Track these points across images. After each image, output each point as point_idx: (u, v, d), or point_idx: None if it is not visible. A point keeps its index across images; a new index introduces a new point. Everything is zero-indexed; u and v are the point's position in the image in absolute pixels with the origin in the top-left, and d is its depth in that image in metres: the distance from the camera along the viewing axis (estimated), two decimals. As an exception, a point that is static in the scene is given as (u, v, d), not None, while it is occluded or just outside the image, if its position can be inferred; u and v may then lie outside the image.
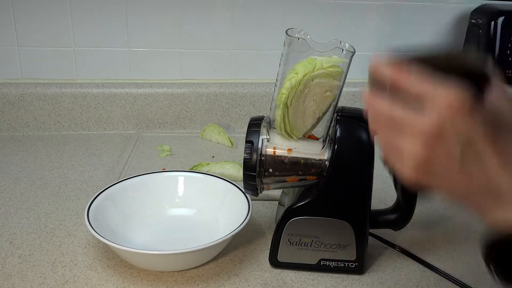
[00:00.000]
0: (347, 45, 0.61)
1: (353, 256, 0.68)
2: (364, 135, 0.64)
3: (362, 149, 0.64)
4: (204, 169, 0.93)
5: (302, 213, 0.66)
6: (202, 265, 0.69)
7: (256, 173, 0.66)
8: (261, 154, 0.66)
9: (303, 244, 0.68)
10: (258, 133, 0.66)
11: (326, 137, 0.67)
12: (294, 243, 0.68)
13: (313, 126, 0.67)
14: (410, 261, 0.72)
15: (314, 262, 0.68)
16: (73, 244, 0.74)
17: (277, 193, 0.86)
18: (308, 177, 0.67)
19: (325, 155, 0.66)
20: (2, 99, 1.11)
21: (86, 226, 0.69)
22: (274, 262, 0.69)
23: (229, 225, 0.70)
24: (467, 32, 1.14)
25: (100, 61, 1.14)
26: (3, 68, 1.13)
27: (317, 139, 0.68)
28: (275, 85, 0.65)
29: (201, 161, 0.96)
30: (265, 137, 0.66)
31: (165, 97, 1.15)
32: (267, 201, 0.86)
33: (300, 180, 0.67)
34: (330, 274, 0.69)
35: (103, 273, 0.67)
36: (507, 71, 1.08)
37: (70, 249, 0.72)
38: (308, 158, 0.66)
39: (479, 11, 1.11)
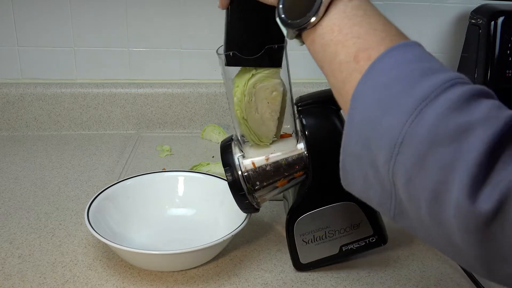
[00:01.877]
0: None
1: (370, 231, 0.67)
2: (329, 113, 0.64)
3: (332, 126, 0.64)
4: (204, 169, 0.93)
5: (304, 210, 0.66)
6: (202, 265, 0.69)
7: (245, 191, 0.65)
8: (242, 172, 0.65)
9: (318, 239, 0.67)
10: (231, 153, 0.66)
11: (297, 130, 0.67)
12: (310, 241, 0.67)
13: (279, 127, 0.66)
14: (410, 260, 0.72)
15: (336, 251, 0.68)
16: (73, 244, 0.74)
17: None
18: (295, 175, 0.66)
19: (302, 148, 0.65)
20: (2, 99, 1.11)
21: (86, 226, 0.69)
22: (299, 266, 0.69)
23: (229, 225, 0.70)
24: (467, 32, 1.14)
25: (100, 61, 1.14)
26: (3, 68, 1.13)
27: (290, 135, 0.68)
28: (228, 104, 0.65)
29: (201, 161, 0.96)
30: (240, 154, 0.66)
31: (165, 97, 1.15)
32: (267, 201, 0.86)
33: (290, 180, 0.67)
34: (330, 274, 0.69)
35: (103, 273, 0.67)
36: (507, 71, 1.08)
37: (70, 249, 0.72)
38: (287, 157, 0.65)
39: (479, 11, 1.11)
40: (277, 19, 0.49)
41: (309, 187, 0.66)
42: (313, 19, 0.46)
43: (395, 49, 0.41)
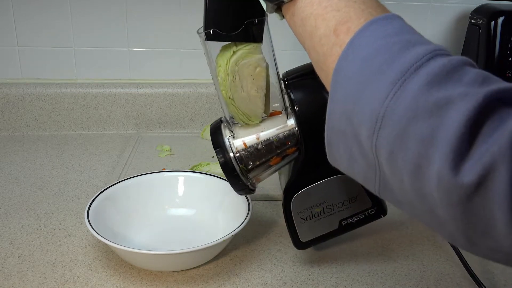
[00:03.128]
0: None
1: (368, 203, 0.66)
2: (316, 85, 0.61)
3: (321, 97, 0.61)
4: (204, 169, 0.93)
5: (300, 187, 0.65)
6: (202, 265, 0.69)
7: (238, 171, 0.64)
8: (234, 153, 0.64)
9: (316, 215, 0.66)
10: (222, 135, 0.65)
11: (286, 106, 0.66)
12: (308, 218, 0.66)
13: (267, 104, 0.65)
14: (410, 260, 0.72)
15: (336, 226, 0.67)
16: (73, 244, 0.74)
17: (276, 192, 0.86)
18: (288, 151, 0.65)
19: (292, 123, 0.64)
20: (2, 99, 1.11)
21: (86, 226, 0.69)
22: (299, 245, 0.68)
23: (229, 225, 0.70)
24: (467, 32, 1.14)
25: (100, 61, 1.14)
26: (3, 68, 1.13)
27: (280, 112, 0.67)
28: (215, 85, 0.64)
29: (201, 161, 0.96)
30: (230, 135, 0.65)
31: (165, 97, 1.15)
32: (267, 201, 0.86)
33: (283, 158, 0.66)
34: (330, 274, 0.69)
35: (103, 273, 0.67)
36: (507, 71, 1.08)
37: (70, 249, 0.72)
38: (278, 134, 0.64)
39: (479, 11, 1.11)
40: None
41: (303, 162, 0.64)
42: None
43: (375, 22, 0.41)
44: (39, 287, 0.64)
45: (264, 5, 0.49)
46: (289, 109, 0.65)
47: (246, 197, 0.73)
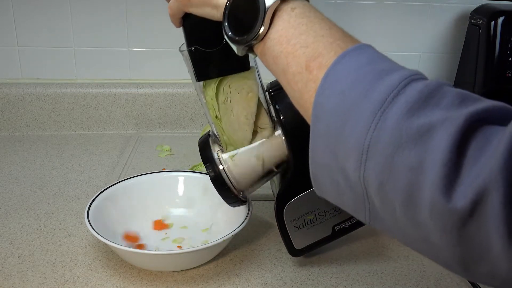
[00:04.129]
0: None
1: None
2: None
3: None
4: (204, 169, 0.92)
5: (291, 196, 0.65)
6: (202, 265, 0.69)
7: (228, 185, 0.64)
8: (224, 166, 0.64)
9: (309, 223, 0.67)
10: (210, 150, 0.65)
11: (272, 117, 0.65)
12: (301, 226, 0.67)
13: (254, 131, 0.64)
14: (410, 260, 0.72)
15: (329, 232, 0.68)
16: (73, 244, 0.74)
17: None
18: (277, 161, 0.65)
19: (279, 133, 0.64)
20: (2, 99, 1.11)
21: (86, 226, 0.69)
22: (294, 252, 0.68)
23: (229, 225, 0.70)
24: (467, 32, 1.14)
25: (100, 61, 1.14)
26: (3, 68, 1.13)
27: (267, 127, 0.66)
28: (200, 101, 0.64)
29: (201, 161, 0.96)
30: (219, 149, 0.65)
31: (165, 97, 1.15)
32: (267, 201, 0.86)
33: (273, 168, 0.65)
34: (330, 274, 0.69)
35: (103, 273, 0.67)
36: (507, 71, 1.08)
37: (70, 249, 0.72)
38: (266, 145, 0.64)
39: (479, 11, 1.11)
40: (225, 37, 0.49)
41: (292, 171, 0.64)
42: (260, 31, 0.46)
43: (348, 54, 0.41)
44: (39, 287, 0.64)
45: (235, 48, 0.49)
46: (275, 120, 0.65)
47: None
